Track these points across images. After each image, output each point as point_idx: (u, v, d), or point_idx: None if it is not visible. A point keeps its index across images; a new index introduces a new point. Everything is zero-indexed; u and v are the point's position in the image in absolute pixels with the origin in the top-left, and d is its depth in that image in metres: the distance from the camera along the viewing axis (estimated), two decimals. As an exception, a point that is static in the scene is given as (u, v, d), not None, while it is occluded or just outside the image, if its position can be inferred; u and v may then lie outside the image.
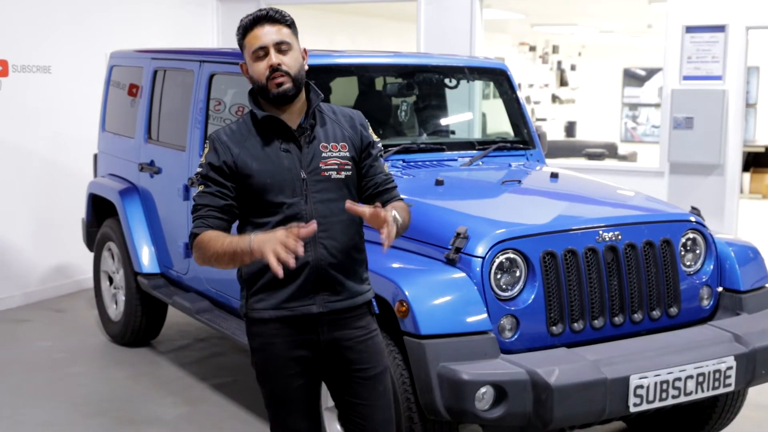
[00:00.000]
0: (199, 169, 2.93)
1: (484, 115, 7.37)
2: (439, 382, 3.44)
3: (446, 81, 5.50)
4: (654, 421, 4.62)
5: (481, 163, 4.99)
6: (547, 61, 17.61)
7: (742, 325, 3.99)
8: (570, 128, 17.95)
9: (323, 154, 2.92)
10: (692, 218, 4.21)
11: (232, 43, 9.30)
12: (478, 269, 3.64)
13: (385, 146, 4.84)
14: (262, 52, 2.87)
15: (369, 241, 4.00)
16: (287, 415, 3.00)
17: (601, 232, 3.88)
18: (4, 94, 7.05)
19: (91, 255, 6.60)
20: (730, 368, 3.76)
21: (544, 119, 16.93)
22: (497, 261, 3.68)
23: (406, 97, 5.25)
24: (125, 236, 5.91)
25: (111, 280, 6.36)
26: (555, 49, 17.76)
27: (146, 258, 5.81)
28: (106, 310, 6.39)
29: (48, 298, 7.52)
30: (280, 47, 2.87)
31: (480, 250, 3.67)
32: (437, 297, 3.58)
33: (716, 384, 3.74)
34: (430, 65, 5.37)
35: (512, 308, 3.68)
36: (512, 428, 3.59)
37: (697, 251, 4.19)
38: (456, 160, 4.97)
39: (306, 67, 2.95)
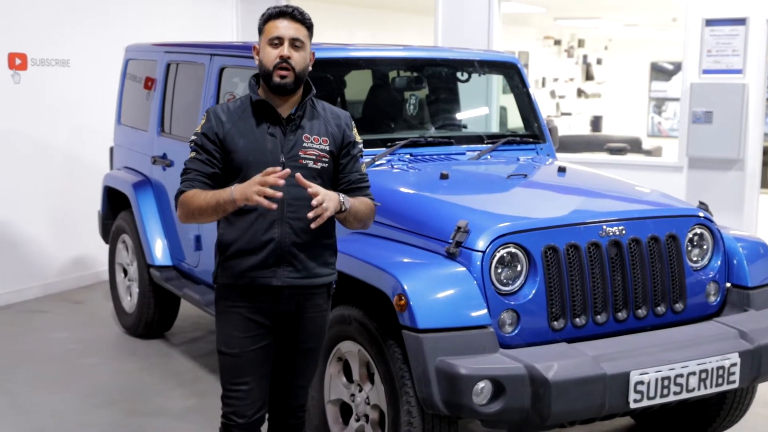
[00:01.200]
0: (193, 137, 3.23)
1: (504, 109, 7.33)
2: (437, 376, 3.43)
3: (458, 75, 5.49)
4: (661, 417, 4.58)
5: (489, 157, 4.97)
6: (573, 55, 17.48)
7: (749, 322, 3.95)
8: (596, 123, 17.78)
9: (304, 144, 3.21)
10: (699, 213, 4.16)
11: (252, 39, 9.33)
12: (478, 263, 3.62)
13: (393, 140, 4.85)
14: (278, 41, 3.16)
15: (372, 234, 4.04)
16: (238, 377, 3.27)
17: (604, 226, 3.85)
18: (23, 87, 7.12)
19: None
20: (734, 365, 3.72)
21: (568, 114, 16.82)
22: (498, 255, 3.66)
23: (415, 90, 5.23)
24: (138, 228, 5.95)
25: (125, 272, 6.41)
26: (581, 43, 17.62)
27: (158, 250, 5.86)
28: (121, 302, 6.44)
29: (67, 289, 7.59)
30: (295, 43, 3.17)
31: (480, 244, 3.65)
32: (436, 291, 3.56)
33: (720, 381, 3.70)
34: (439, 59, 5.35)
35: (513, 303, 3.66)
36: (510, 423, 3.58)
37: (704, 246, 4.15)
38: (464, 154, 4.95)
39: (310, 68, 3.25)
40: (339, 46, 5.27)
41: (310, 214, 2.99)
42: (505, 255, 3.69)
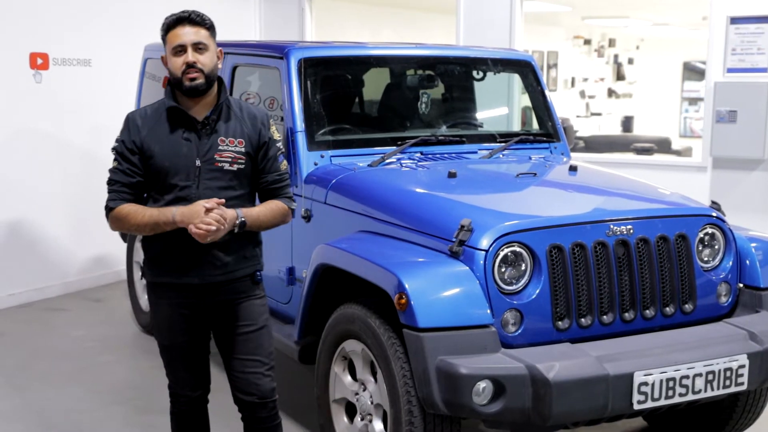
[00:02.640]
0: (114, 144, 3.34)
1: (529, 109, 7.26)
2: (437, 375, 3.40)
3: (474, 73, 5.45)
4: (673, 419, 4.51)
5: (501, 156, 4.93)
6: (603, 55, 17.33)
7: (760, 323, 3.87)
8: (627, 123, 17.62)
9: (220, 147, 3.32)
10: (711, 213, 4.09)
11: (274, 37, 9.35)
12: (481, 262, 3.58)
13: (404, 138, 4.83)
14: (181, 49, 3.28)
15: (376, 233, 4.02)
16: (175, 364, 3.55)
17: (611, 226, 3.79)
18: (45, 87, 7.19)
19: (127, 246, 6.70)
20: (742, 367, 3.65)
21: (598, 114, 16.68)
22: (501, 254, 3.62)
23: (428, 89, 5.20)
24: (154, 227, 5.97)
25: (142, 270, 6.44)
26: (611, 43, 17.46)
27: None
28: (138, 301, 6.47)
29: (87, 288, 7.66)
30: (198, 46, 3.28)
31: (484, 243, 3.61)
32: (437, 290, 3.53)
33: (727, 383, 3.63)
34: (452, 57, 5.33)
35: (516, 302, 3.62)
36: (512, 423, 3.54)
37: (716, 246, 4.07)
38: (476, 153, 4.92)
39: (219, 66, 3.37)
40: (351, 44, 5.26)
41: (195, 231, 3.16)
42: (509, 254, 3.64)
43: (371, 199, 4.22)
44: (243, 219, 3.27)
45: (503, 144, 4.98)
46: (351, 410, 4.08)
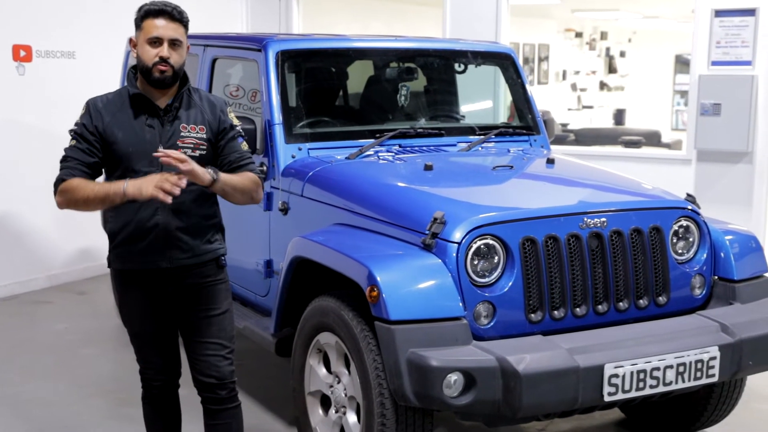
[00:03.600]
0: (74, 127, 3.36)
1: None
2: (408, 368, 3.40)
3: (455, 66, 5.45)
4: (649, 411, 4.53)
5: (480, 148, 4.94)
6: (595, 48, 17.32)
7: (732, 315, 3.88)
8: (619, 116, 17.62)
9: (182, 134, 3.36)
10: (686, 206, 4.10)
11: (262, 30, 9.34)
12: (454, 255, 3.59)
13: (383, 131, 4.83)
14: (157, 41, 3.29)
15: (351, 225, 4.03)
16: (145, 351, 3.60)
17: (585, 218, 3.80)
18: (28, 79, 7.17)
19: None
20: (713, 359, 3.66)
21: (590, 107, 16.68)
22: (474, 247, 3.62)
23: (407, 81, 5.20)
24: (136, 220, 5.97)
25: (126, 263, 6.43)
26: (603, 36, 17.45)
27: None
28: (121, 293, 6.46)
29: (72, 281, 7.65)
30: (174, 43, 3.31)
31: (456, 236, 3.61)
32: (409, 283, 3.53)
33: (698, 374, 3.65)
34: (431, 49, 5.33)
35: (489, 295, 3.62)
36: (483, 415, 3.55)
37: (690, 239, 4.08)
38: (455, 145, 4.92)
39: (185, 60, 3.39)
40: (330, 37, 5.26)
41: (164, 158, 3.11)
42: (481, 246, 3.65)
43: (347, 191, 4.22)
44: (215, 171, 3.27)
45: (482, 137, 4.98)
46: (326, 403, 4.09)
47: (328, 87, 5.12)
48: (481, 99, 6.20)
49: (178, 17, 3.33)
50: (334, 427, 3.99)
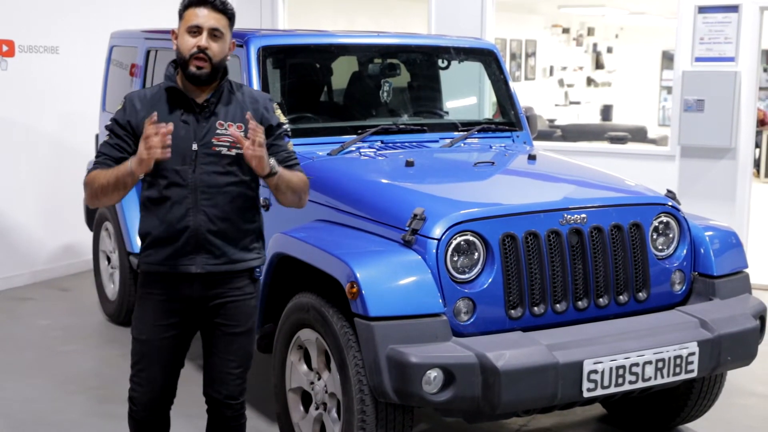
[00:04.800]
0: (109, 122, 3.22)
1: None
2: (388, 364, 3.40)
3: (439, 62, 5.45)
4: (630, 406, 4.55)
5: (463, 144, 4.94)
6: (582, 44, 17.35)
7: (711, 311, 3.90)
8: (606, 112, 17.65)
9: (218, 131, 3.16)
10: (665, 202, 4.11)
11: (246, 26, 9.29)
12: (433, 251, 3.59)
13: (365, 127, 4.83)
14: (197, 30, 3.12)
15: (331, 221, 4.02)
16: (147, 362, 3.30)
17: (565, 214, 3.80)
18: (11, 74, 7.14)
19: (96, 235, 6.67)
20: (692, 354, 3.68)
21: (577, 103, 16.70)
22: (454, 243, 3.62)
23: (389, 77, 5.19)
24: (118, 216, 5.96)
25: (109, 259, 6.42)
26: (590, 32, 17.48)
27: (138, 237, 5.84)
28: (104, 290, 6.46)
29: (55, 277, 7.62)
30: (214, 33, 3.12)
31: (436, 232, 3.61)
32: (389, 279, 3.53)
33: (677, 370, 3.66)
34: (413, 45, 5.32)
35: (468, 291, 3.62)
36: (462, 412, 3.55)
37: (670, 235, 4.10)
38: (438, 141, 4.92)
39: (229, 58, 3.22)
40: (312, 32, 5.25)
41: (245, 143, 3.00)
42: (461, 243, 3.65)
43: (328, 188, 4.21)
44: (275, 164, 3.10)
45: (464, 133, 4.98)
46: (307, 400, 4.09)
47: (310, 83, 5.11)
48: (466, 95, 6.20)
49: (221, 7, 3.14)
50: (315, 424, 3.99)
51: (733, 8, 7.29)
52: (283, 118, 3.31)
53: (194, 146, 3.13)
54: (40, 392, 5.10)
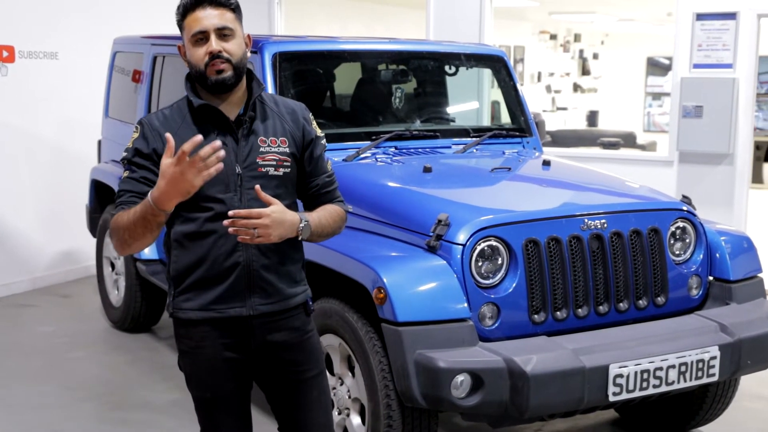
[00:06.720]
0: (124, 154, 2.74)
1: (497, 104, 7.30)
2: (416, 369, 3.42)
3: (446, 68, 5.47)
4: (644, 410, 4.58)
5: (475, 150, 4.96)
6: (569, 50, 17.45)
7: (730, 315, 3.94)
8: (592, 117, 17.77)
9: (261, 149, 2.74)
10: (682, 207, 4.15)
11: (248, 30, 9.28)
12: (458, 256, 3.61)
13: (378, 133, 4.84)
14: (202, 36, 2.68)
15: (354, 227, 4.02)
16: (218, 420, 2.85)
17: (586, 220, 3.84)
18: (11, 80, 7.10)
19: (97, 241, 6.64)
20: (713, 358, 3.71)
21: (564, 108, 16.80)
22: (478, 248, 3.65)
23: (401, 83, 5.22)
24: (125, 222, 5.93)
25: (113, 266, 6.39)
26: (577, 38, 17.58)
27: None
28: (108, 296, 6.43)
29: (55, 283, 7.58)
30: (222, 32, 2.68)
31: (461, 238, 3.64)
32: (415, 284, 3.55)
33: (699, 374, 3.70)
34: (425, 52, 5.35)
35: (493, 296, 3.65)
36: (489, 416, 3.57)
37: (687, 240, 4.14)
38: (450, 147, 4.95)
39: (249, 54, 2.77)
40: (325, 39, 5.26)
41: (231, 230, 2.55)
42: (485, 248, 3.67)
43: (347, 193, 4.11)
44: (307, 221, 2.69)
45: (476, 138, 5.01)
46: (328, 404, 4.09)
47: (323, 89, 5.12)
48: (466, 101, 6.23)
49: (221, 1, 2.69)
50: (337, 429, 3.99)
51: (731, 15, 7.36)
52: (319, 130, 2.91)
53: (237, 169, 2.70)
54: (51, 399, 5.07)
